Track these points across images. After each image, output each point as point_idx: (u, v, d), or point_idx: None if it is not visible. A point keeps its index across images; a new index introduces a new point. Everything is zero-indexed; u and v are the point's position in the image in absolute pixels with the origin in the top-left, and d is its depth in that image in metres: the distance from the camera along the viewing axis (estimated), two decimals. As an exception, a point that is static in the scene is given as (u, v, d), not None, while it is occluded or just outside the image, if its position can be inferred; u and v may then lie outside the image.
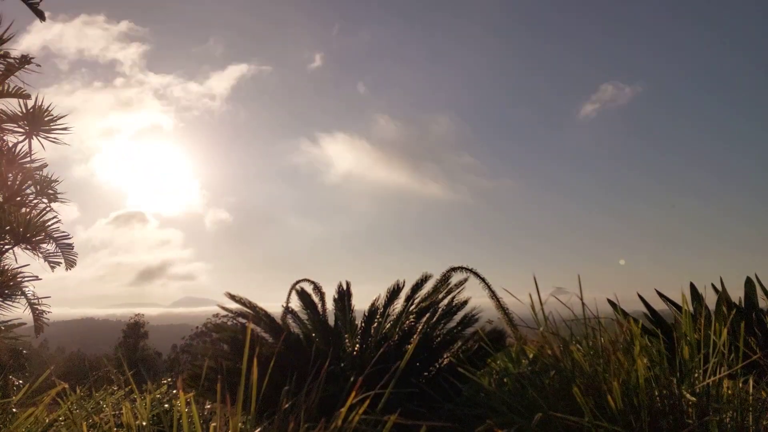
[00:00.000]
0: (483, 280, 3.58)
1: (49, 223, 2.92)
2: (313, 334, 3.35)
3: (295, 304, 3.52)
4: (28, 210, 2.88)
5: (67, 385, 2.49)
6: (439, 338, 3.19)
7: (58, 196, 2.94)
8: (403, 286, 3.48)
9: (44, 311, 2.89)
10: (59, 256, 2.99)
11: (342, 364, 3.04)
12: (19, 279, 2.77)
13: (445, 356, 3.12)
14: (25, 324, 2.84)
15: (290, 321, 3.53)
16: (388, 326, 3.33)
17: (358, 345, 3.22)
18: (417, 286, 3.48)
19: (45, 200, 2.91)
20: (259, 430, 1.83)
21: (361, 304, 3.45)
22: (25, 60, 2.60)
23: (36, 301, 2.86)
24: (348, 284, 3.53)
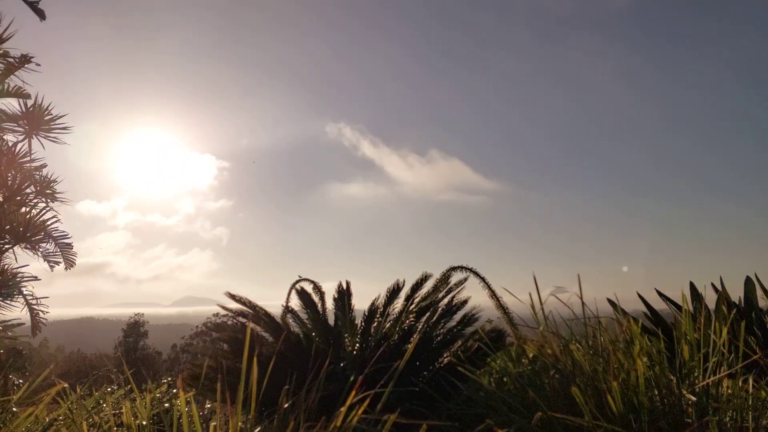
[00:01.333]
0: (483, 279, 3.58)
1: (49, 222, 2.92)
2: (313, 334, 3.35)
3: (295, 303, 3.52)
4: (27, 210, 2.88)
5: (67, 385, 2.49)
6: (439, 337, 3.19)
7: (57, 195, 2.94)
8: (403, 285, 3.49)
9: (41, 311, 2.89)
10: (59, 255, 2.98)
11: (342, 364, 3.04)
12: (18, 279, 2.77)
13: (445, 355, 3.12)
14: (24, 324, 2.84)
15: (290, 320, 3.53)
16: (388, 325, 3.33)
17: (358, 344, 3.22)
18: (417, 286, 3.48)
19: (44, 200, 2.91)
20: (259, 429, 1.83)
21: (361, 303, 3.45)
22: (25, 59, 2.59)
23: (34, 301, 2.86)
24: (348, 283, 3.53)
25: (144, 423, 1.98)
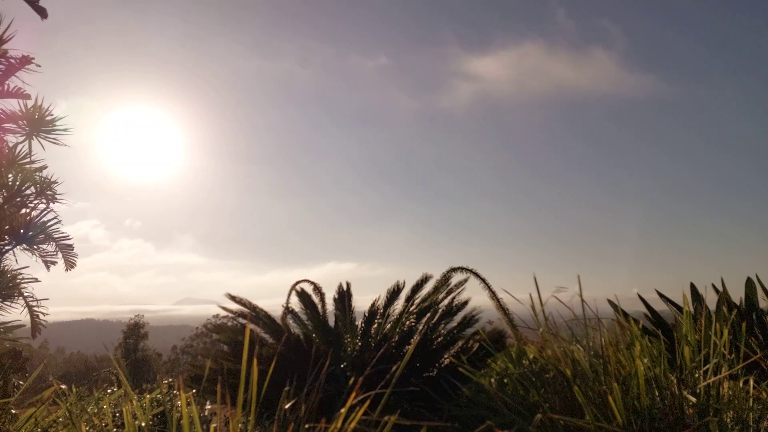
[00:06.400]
0: (483, 280, 3.58)
1: (50, 224, 2.92)
2: (314, 335, 3.35)
3: (296, 304, 3.52)
4: (28, 211, 2.88)
5: (64, 386, 2.48)
6: (439, 339, 3.19)
7: (58, 196, 2.94)
8: (404, 286, 3.49)
9: (42, 313, 2.88)
10: (57, 256, 2.98)
11: (342, 365, 3.04)
12: (18, 281, 2.76)
13: (445, 357, 3.12)
14: (24, 326, 2.84)
15: (290, 321, 3.53)
16: (388, 327, 3.33)
17: (358, 345, 3.22)
18: (417, 287, 3.48)
19: (44, 201, 2.91)
20: (259, 431, 1.83)
21: (361, 304, 3.45)
22: (25, 60, 2.59)
23: (34, 302, 2.85)
24: (348, 285, 3.53)
25: (143, 424, 1.97)
